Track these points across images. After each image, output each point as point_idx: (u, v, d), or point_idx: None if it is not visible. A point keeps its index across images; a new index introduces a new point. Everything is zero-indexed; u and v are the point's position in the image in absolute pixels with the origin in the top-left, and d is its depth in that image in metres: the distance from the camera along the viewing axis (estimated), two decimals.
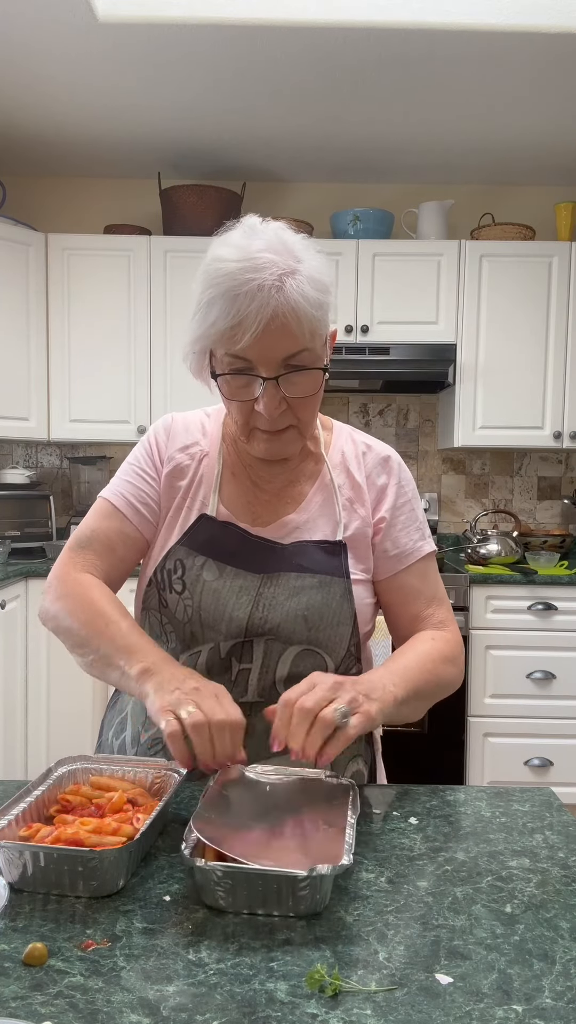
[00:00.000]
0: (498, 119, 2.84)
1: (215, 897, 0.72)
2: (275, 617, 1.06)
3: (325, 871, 0.69)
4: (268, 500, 1.13)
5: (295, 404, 1.01)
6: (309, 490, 1.14)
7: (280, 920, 0.72)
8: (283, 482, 1.14)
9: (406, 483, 1.17)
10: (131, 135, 3.03)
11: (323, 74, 2.55)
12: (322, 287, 0.97)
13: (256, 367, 0.97)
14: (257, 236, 0.98)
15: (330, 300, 1.00)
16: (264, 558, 1.09)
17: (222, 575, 1.08)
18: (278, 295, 0.93)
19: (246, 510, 1.12)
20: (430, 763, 2.83)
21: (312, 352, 0.99)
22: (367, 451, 1.17)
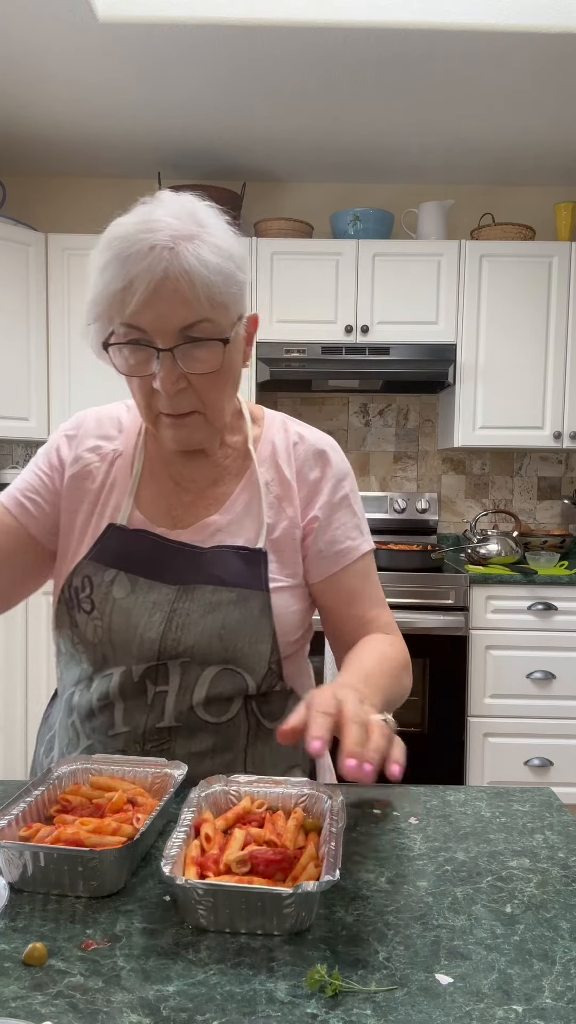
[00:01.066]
0: (498, 119, 2.84)
1: (196, 916, 0.69)
2: (189, 638, 0.99)
3: (311, 888, 0.67)
4: (190, 501, 1.06)
5: (197, 383, 0.94)
6: (234, 489, 1.06)
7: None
8: (206, 481, 1.07)
9: (343, 477, 1.09)
10: (131, 135, 3.03)
11: (323, 74, 2.55)
12: (225, 255, 0.90)
13: (152, 338, 0.90)
14: (161, 204, 0.92)
15: (240, 275, 0.93)
16: (181, 567, 1.02)
17: (134, 590, 1.01)
18: (171, 256, 0.87)
19: (165, 513, 1.05)
20: (430, 763, 2.83)
21: (214, 324, 0.91)
22: (299, 442, 1.09)
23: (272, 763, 1.08)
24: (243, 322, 0.98)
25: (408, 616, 2.79)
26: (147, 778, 0.92)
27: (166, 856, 0.71)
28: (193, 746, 1.01)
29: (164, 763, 0.93)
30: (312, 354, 3.06)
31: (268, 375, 3.05)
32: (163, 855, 0.71)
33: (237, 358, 0.99)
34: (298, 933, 0.70)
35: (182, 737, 1.01)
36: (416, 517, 3.42)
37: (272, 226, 3.16)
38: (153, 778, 0.92)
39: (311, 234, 3.23)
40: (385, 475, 3.55)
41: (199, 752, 1.02)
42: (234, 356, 0.98)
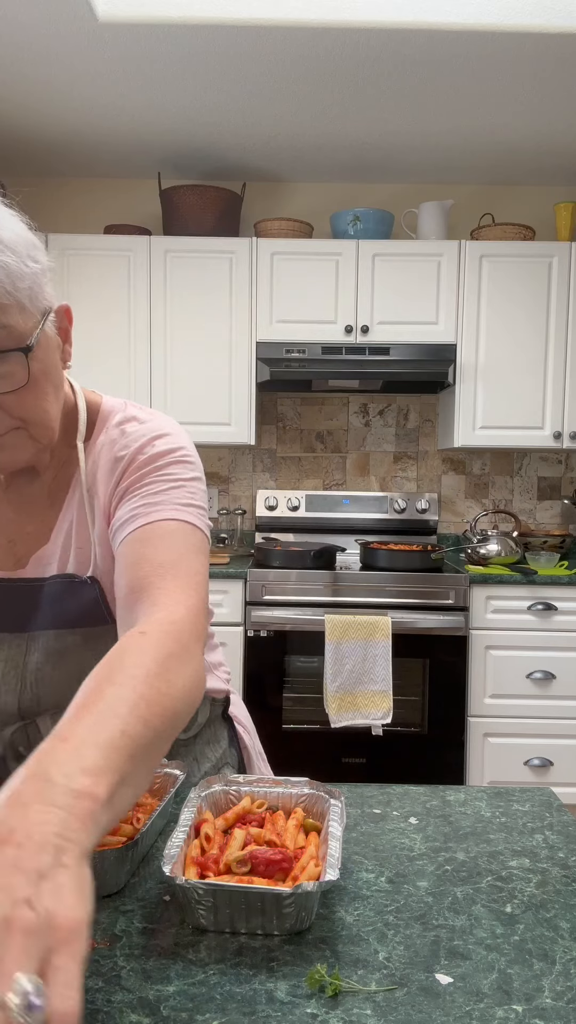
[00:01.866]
0: (498, 119, 2.84)
1: (196, 916, 0.70)
2: (48, 695, 0.89)
3: (311, 888, 0.67)
4: (32, 533, 0.92)
5: (6, 401, 0.78)
6: (61, 508, 0.92)
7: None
8: (43, 504, 0.93)
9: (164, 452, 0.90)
10: (131, 135, 3.03)
11: (323, 74, 2.55)
12: (7, 247, 0.75)
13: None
14: None
15: (30, 266, 0.78)
16: (27, 607, 0.90)
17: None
18: None
19: (7, 551, 0.92)
20: (430, 763, 2.83)
21: (9, 330, 0.75)
22: (120, 436, 0.92)
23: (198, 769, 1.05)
24: (51, 319, 0.83)
25: (408, 616, 2.79)
26: None
27: (166, 856, 0.71)
28: None
29: (164, 763, 0.93)
30: (312, 354, 3.06)
31: (268, 375, 3.05)
32: (163, 855, 0.71)
33: (52, 361, 0.84)
34: (298, 933, 0.70)
35: None
36: (416, 517, 3.42)
37: (272, 226, 3.16)
38: (153, 778, 0.92)
39: (311, 234, 3.23)
40: (385, 475, 3.55)
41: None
42: (47, 360, 0.82)
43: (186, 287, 3.11)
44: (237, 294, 3.10)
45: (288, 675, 2.86)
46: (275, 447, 3.53)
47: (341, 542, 3.37)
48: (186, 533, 0.84)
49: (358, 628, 2.73)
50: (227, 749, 1.12)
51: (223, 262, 3.10)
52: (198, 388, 3.12)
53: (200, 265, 3.10)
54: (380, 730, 2.75)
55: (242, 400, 3.12)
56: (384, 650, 2.73)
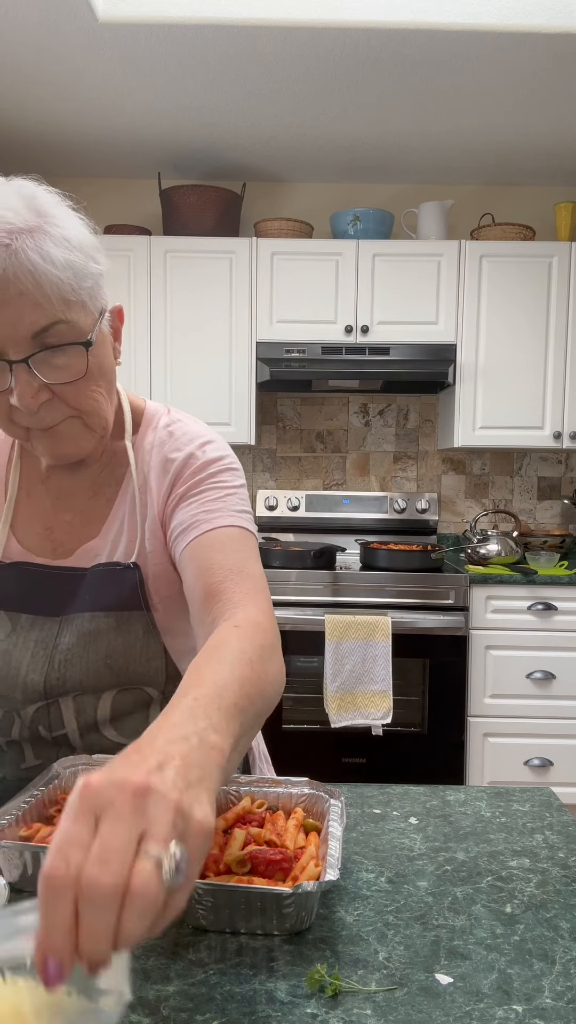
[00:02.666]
0: (498, 119, 2.84)
1: (196, 916, 0.69)
2: (75, 674, 0.92)
3: (311, 888, 0.67)
4: (70, 521, 0.97)
5: (63, 393, 0.84)
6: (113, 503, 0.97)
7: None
8: (86, 494, 0.97)
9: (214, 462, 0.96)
10: (131, 135, 3.03)
11: (323, 74, 2.55)
12: (74, 246, 0.80)
13: (2, 349, 0.79)
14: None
15: (93, 266, 0.83)
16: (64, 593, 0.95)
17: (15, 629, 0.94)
18: (9, 256, 0.76)
19: (44, 538, 0.97)
20: (430, 763, 2.83)
21: (71, 326, 0.81)
22: (168, 438, 0.98)
23: None
24: (106, 317, 0.89)
25: (408, 616, 2.79)
26: None
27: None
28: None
29: None
30: (312, 354, 3.06)
31: (268, 375, 3.05)
32: None
33: (106, 357, 0.90)
34: (298, 933, 0.70)
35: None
36: (416, 517, 3.42)
37: (272, 226, 3.16)
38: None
39: (311, 234, 3.23)
40: (385, 475, 3.55)
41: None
42: (102, 356, 0.88)
43: (186, 287, 3.11)
44: (237, 294, 3.10)
45: (288, 675, 2.86)
46: (275, 447, 3.53)
47: (341, 542, 3.37)
48: (245, 538, 0.91)
49: (358, 628, 2.73)
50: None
51: (223, 262, 3.10)
52: (198, 388, 3.12)
53: (200, 265, 3.10)
54: (380, 730, 2.75)
55: (242, 400, 3.12)
56: (384, 650, 2.73)
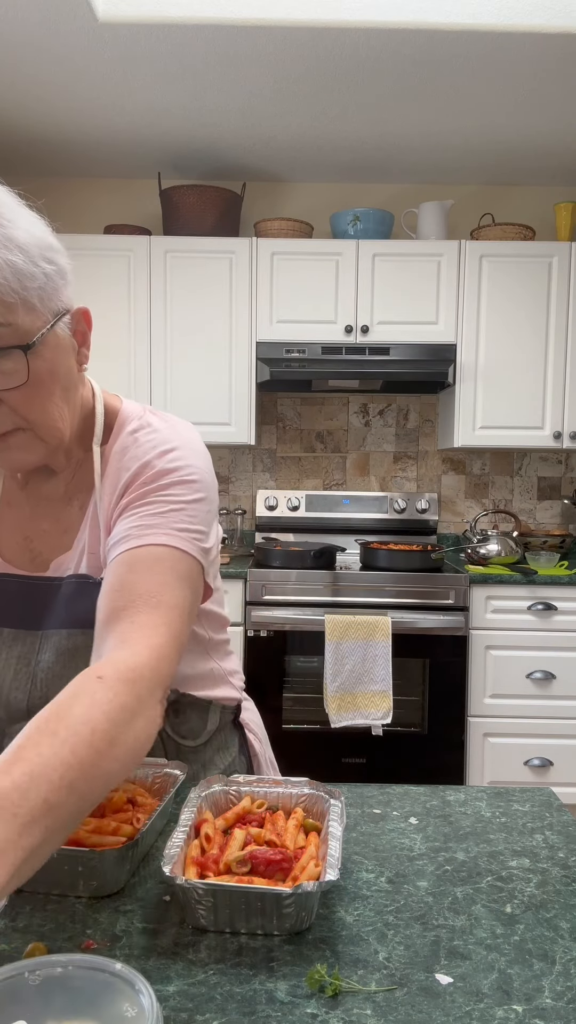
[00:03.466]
0: (498, 119, 2.84)
1: (196, 915, 0.70)
2: (56, 693, 0.81)
3: (311, 888, 0.67)
4: (47, 531, 0.95)
5: (9, 399, 0.80)
6: (85, 512, 0.94)
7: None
8: (61, 503, 0.95)
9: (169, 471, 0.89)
10: (131, 135, 3.03)
11: (323, 74, 2.55)
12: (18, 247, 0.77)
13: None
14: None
15: (44, 268, 0.80)
16: (41, 606, 0.93)
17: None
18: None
19: (24, 548, 0.95)
20: (430, 763, 2.83)
21: (12, 328, 0.77)
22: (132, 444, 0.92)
23: (205, 776, 1.04)
24: (64, 320, 0.84)
25: (408, 616, 2.79)
26: (147, 778, 0.92)
27: (166, 856, 0.71)
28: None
29: (164, 763, 0.93)
30: (312, 354, 3.06)
31: (268, 375, 3.05)
32: (163, 855, 0.71)
33: (62, 362, 0.85)
34: (298, 933, 0.70)
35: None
36: (416, 517, 3.42)
37: (272, 226, 3.16)
38: (153, 778, 0.92)
39: (311, 234, 3.23)
40: (385, 475, 3.55)
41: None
42: (55, 361, 0.83)
43: (186, 287, 3.11)
44: (237, 294, 3.10)
45: (288, 675, 2.86)
46: (275, 447, 3.53)
47: (341, 542, 3.37)
48: (175, 560, 0.83)
49: (358, 628, 2.73)
50: (237, 756, 1.11)
51: (223, 262, 3.10)
52: (198, 388, 3.12)
53: (200, 265, 3.10)
54: (380, 730, 2.75)
55: (242, 400, 3.12)
56: (384, 650, 2.73)
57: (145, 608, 0.78)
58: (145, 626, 0.76)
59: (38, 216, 0.83)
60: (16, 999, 0.54)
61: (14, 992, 0.54)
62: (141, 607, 0.78)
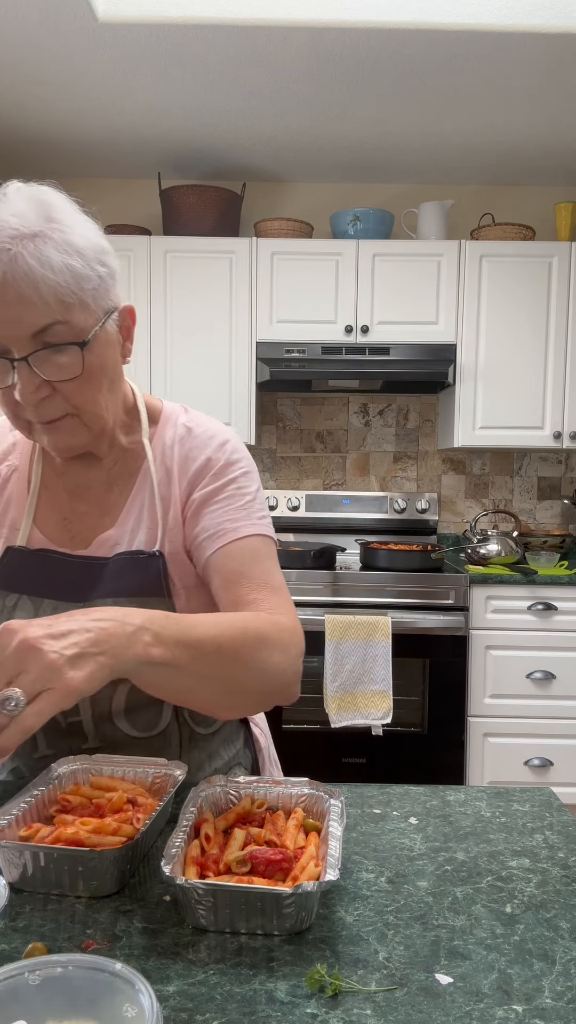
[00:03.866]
0: (498, 119, 2.84)
1: (196, 916, 0.70)
2: None
3: (311, 888, 0.67)
4: (86, 512, 1.01)
5: (63, 389, 0.89)
6: (128, 495, 1.01)
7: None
8: (100, 488, 1.02)
9: (233, 464, 1.01)
10: (131, 135, 3.03)
11: (323, 74, 2.55)
12: (76, 251, 0.85)
13: (6, 347, 0.85)
14: (7, 200, 0.86)
15: (98, 269, 0.88)
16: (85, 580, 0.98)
17: (37, 613, 0.97)
18: (8, 259, 0.81)
19: (62, 528, 1.01)
20: (430, 763, 2.83)
21: (70, 326, 0.86)
22: (186, 435, 1.03)
23: (210, 767, 1.07)
24: (113, 317, 0.93)
25: (408, 616, 2.79)
26: (147, 778, 0.92)
27: (166, 856, 0.71)
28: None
29: (164, 763, 0.93)
30: (312, 354, 3.06)
31: (268, 375, 3.05)
32: (163, 855, 0.71)
33: (109, 356, 0.93)
34: (298, 933, 0.70)
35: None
36: (416, 517, 3.42)
37: (272, 226, 3.16)
38: (153, 778, 0.92)
39: (311, 234, 3.23)
40: (385, 475, 3.55)
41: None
42: (104, 355, 0.91)
43: (186, 287, 3.11)
44: (237, 294, 3.10)
45: None
46: (275, 447, 3.53)
47: (341, 542, 3.37)
48: (267, 546, 0.98)
49: (358, 628, 2.73)
50: (242, 750, 1.13)
51: (223, 262, 3.10)
52: (198, 388, 3.12)
53: (200, 265, 3.10)
54: (380, 730, 2.75)
55: (242, 400, 3.12)
56: (384, 650, 2.73)
57: (265, 593, 0.93)
58: (275, 607, 0.92)
59: (92, 220, 0.91)
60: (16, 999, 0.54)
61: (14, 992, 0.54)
62: (265, 593, 0.93)
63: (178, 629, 0.77)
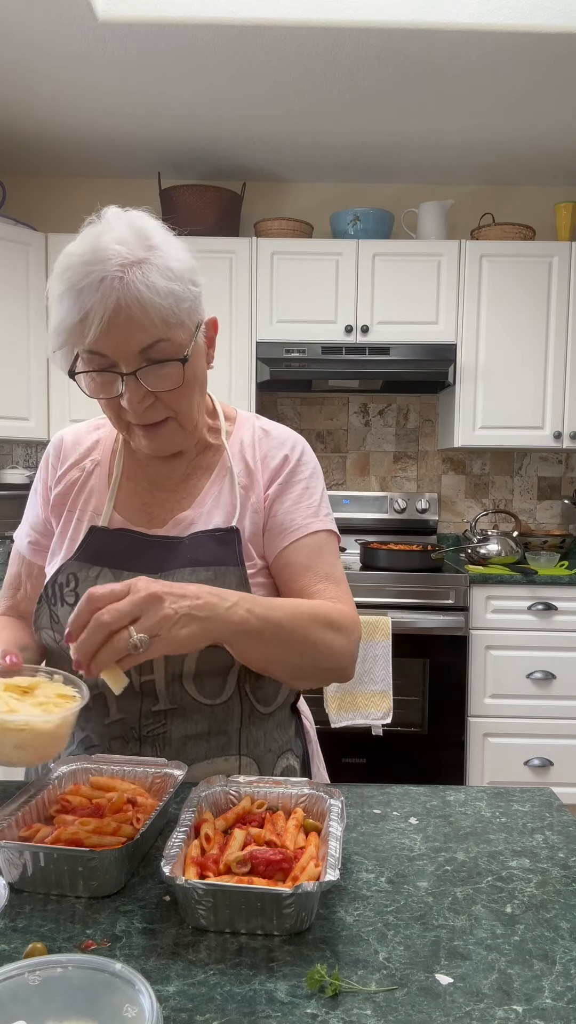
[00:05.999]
0: (498, 119, 2.84)
1: (196, 916, 0.69)
2: None
3: (311, 888, 0.67)
4: (164, 498, 1.12)
5: (164, 397, 0.99)
6: (206, 482, 1.11)
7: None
8: (180, 477, 1.12)
9: (304, 465, 1.13)
10: (131, 135, 3.03)
11: (323, 74, 2.54)
12: (176, 275, 0.94)
13: (115, 362, 0.95)
14: (110, 227, 0.95)
15: (192, 289, 0.98)
16: (162, 556, 1.06)
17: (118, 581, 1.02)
18: (121, 286, 0.90)
19: (141, 512, 1.11)
20: (430, 763, 2.83)
21: (171, 343, 0.96)
22: (264, 436, 1.15)
23: (266, 747, 1.10)
24: (202, 330, 1.03)
25: (408, 616, 2.79)
26: (147, 778, 0.92)
27: (166, 856, 0.71)
28: (188, 728, 1.04)
29: (164, 763, 0.93)
30: (312, 354, 3.06)
31: (268, 375, 3.05)
32: (163, 855, 0.71)
33: (200, 365, 1.04)
34: (298, 933, 0.70)
35: (177, 719, 1.04)
36: (416, 517, 3.42)
37: (272, 226, 3.16)
38: (153, 778, 0.92)
39: (311, 234, 3.23)
40: (385, 475, 3.55)
41: (194, 735, 1.04)
42: (197, 365, 1.02)
43: None
44: (237, 294, 3.10)
45: None
46: None
47: (341, 542, 3.37)
48: (330, 542, 1.11)
49: None
50: (293, 737, 1.17)
51: (223, 262, 3.10)
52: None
53: (200, 265, 3.09)
54: (380, 730, 2.75)
55: (242, 400, 3.11)
56: (384, 650, 2.73)
57: (328, 584, 1.06)
58: (336, 596, 1.05)
59: (180, 240, 1.01)
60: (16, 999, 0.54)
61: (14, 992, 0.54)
62: (328, 584, 1.05)
63: (264, 607, 0.91)
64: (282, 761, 1.12)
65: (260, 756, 1.09)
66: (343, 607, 1.03)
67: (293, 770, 1.14)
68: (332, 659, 0.99)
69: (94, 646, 0.77)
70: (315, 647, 0.96)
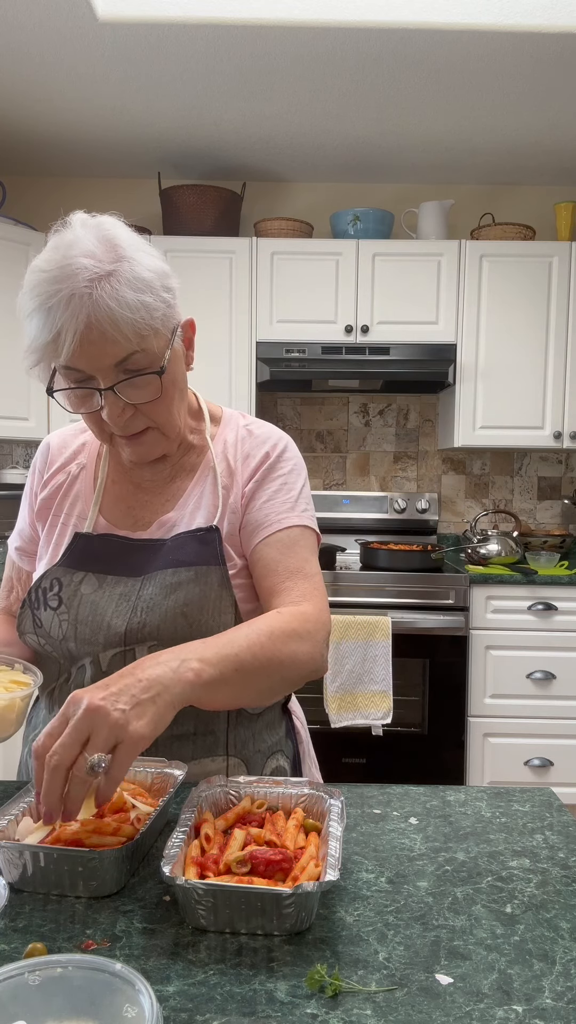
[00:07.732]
0: (498, 119, 2.84)
1: (196, 916, 0.69)
2: (153, 620, 1.02)
3: (311, 888, 0.67)
4: (148, 500, 1.12)
5: (144, 408, 0.99)
6: (189, 484, 1.12)
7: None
8: (164, 479, 1.13)
9: (284, 461, 1.12)
10: (131, 135, 3.03)
11: (323, 74, 2.54)
12: (146, 285, 0.93)
13: (91, 376, 0.95)
14: (77, 239, 0.93)
15: (163, 296, 0.96)
16: (144, 559, 1.07)
17: (102, 586, 1.06)
18: (90, 303, 0.89)
19: (126, 515, 1.11)
20: (430, 763, 2.83)
21: (146, 353, 0.95)
22: (247, 436, 1.14)
23: (255, 748, 1.10)
24: (178, 333, 1.02)
25: (408, 616, 2.79)
26: (147, 778, 0.92)
27: (166, 856, 0.71)
28: (174, 728, 1.03)
29: (164, 763, 0.93)
30: (312, 354, 3.06)
31: (268, 375, 3.05)
32: (163, 855, 0.71)
33: (179, 371, 1.03)
34: (298, 933, 0.70)
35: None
36: (416, 517, 3.42)
37: (272, 226, 3.16)
38: (153, 778, 0.92)
39: (311, 234, 3.23)
40: (385, 475, 3.55)
41: (180, 735, 1.04)
42: (175, 371, 1.01)
43: (186, 287, 3.09)
44: (237, 294, 3.10)
45: None
46: None
47: (341, 542, 3.37)
48: (305, 536, 1.08)
49: (358, 628, 2.73)
50: (283, 738, 1.16)
51: (223, 262, 3.10)
52: (198, 388, 3.09)
53: (200, 265, 3.10)
54: (380, 730, 2.75)
55: (242, 400, 3.12)
56: (384, 650, 2.73)
57: (296, 580, 1.03)
58: (304, 593, 1.02)
59: (149, 244, 0.99)
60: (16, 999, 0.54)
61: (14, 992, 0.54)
62: (297, 580, 1.03)
63: (216, 647, 0.87)
64: (272, 762, 1.11)
65: (248, 757, 1.08)
66: (305, 607, 1.00)
67: (283, 771, 1.13)
68: (299, 668, 0.95)
69: (57, 792, 0.72)
70: (280, 664, 0.92)
